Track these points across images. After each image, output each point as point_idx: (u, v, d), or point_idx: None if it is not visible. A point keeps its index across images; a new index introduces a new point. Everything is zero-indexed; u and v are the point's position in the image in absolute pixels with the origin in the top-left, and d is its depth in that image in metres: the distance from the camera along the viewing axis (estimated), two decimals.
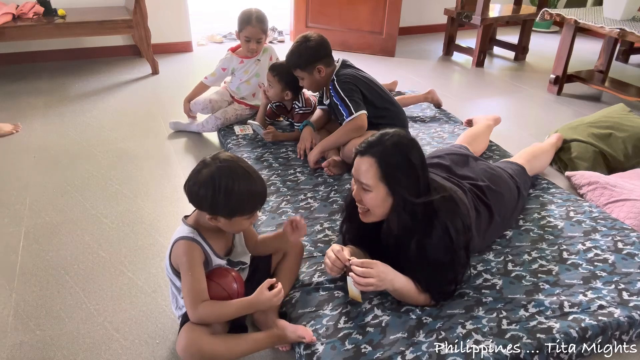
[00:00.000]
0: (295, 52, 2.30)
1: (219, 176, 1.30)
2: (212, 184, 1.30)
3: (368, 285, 1.36)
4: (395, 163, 1.38)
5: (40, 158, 2.55)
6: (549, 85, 3.59)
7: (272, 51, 2.86)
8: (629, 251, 1.73)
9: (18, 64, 3.89)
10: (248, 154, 2.45)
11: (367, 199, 1.43)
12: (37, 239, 1.94)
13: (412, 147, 1.41)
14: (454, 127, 2.78)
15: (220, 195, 1.30)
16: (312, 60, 2.28)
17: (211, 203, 1.32)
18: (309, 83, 2.36)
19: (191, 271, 1.33)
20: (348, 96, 2.22)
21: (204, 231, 1.39)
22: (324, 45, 2.31)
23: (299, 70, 2.32)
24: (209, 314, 1.33)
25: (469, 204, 1.63)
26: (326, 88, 2.37)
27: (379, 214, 1.46)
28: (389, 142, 1.40)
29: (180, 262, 1.35)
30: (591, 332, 1.40)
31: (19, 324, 1.55)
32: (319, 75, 2.30)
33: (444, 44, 4.47)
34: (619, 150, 2.44)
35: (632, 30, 2.93)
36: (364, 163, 1.40)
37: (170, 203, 2.19)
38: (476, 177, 1.82)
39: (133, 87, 3.56)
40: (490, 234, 1.77)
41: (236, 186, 1.30)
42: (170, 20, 4.17)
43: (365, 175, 1.40)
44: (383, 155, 1.38)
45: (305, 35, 2.33)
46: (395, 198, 1.40)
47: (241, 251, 1.51)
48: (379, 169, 1.38)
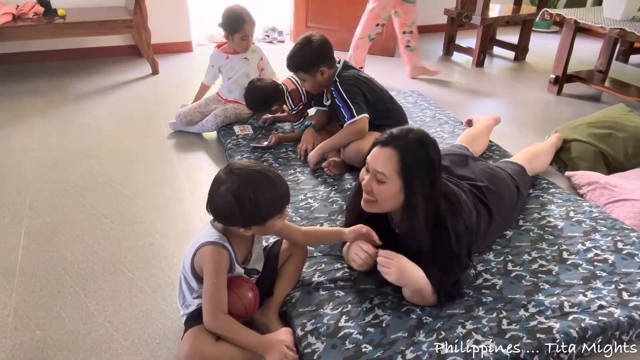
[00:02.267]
0: (298, 54, 2.27)
1: (239, 190, 1.28)
2: (236, 200, 1.28)
3: (387, 274, 1.36)
4: (416, 159, 1.37)
5: (40, 158, 2.55)
6: (549, 85, 3.59)
7: (261, 51, 2.86)
8: (629, 251, 1.73)
9: (18, 64, 3.89)
10: (248, 154, 2.45)
11: (379, 190, 1.40)
12: (37, 239, 1.94)
13: (433, 147, 1.40)
14: (454, 127, 2.78)
15: (248, 209, 1.29)
16: (315, 62, 2.25)
17: (241, 219, 1.32)
18: (311, 85, 2.34)
19: (217, 278, 1.33)
20: (350, 98, 2.21)
21: (231, 237, 1.39)
22: (327, 47, 2.29)
23: (302, 73, 2.30)
24: (223, 330, 1.33)
25: (470, 205, 1.63)
26: (327, 89, 2.36)
27: (386, 207, 1.45)
28: (414, 138, 1.38)
29: (207, 267, 1.34)
30: (591, 332, 1.40)
31: (19, 324, 1.55)
32: (322, 77, 2.29)
33: (444, 44, 4.47)
34: (619, 150, 2.44)
35: (632, 30, 2.93)
36: (384, 153, 1.38)
37: (170, 203, 2.19)
38: (475, 177, 1.81)
39: (133, 87, 3.56)
40: (490, 235, 1.77)
41: (260, 195, 1.29)
42: (170, 20, 4.17)
43: (385, 165, 1.37)
44: (406, 150, 1.37)
45: (308, 36, 2.30)
46: (408, 195, 1.39)
47: (256, 258, 1.50)
48: (399, 162, 1.36)
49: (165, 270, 1.78)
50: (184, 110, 2.83)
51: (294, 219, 1.95)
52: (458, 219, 1.42)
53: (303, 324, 1.44)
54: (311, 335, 1.40)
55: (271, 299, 1.53)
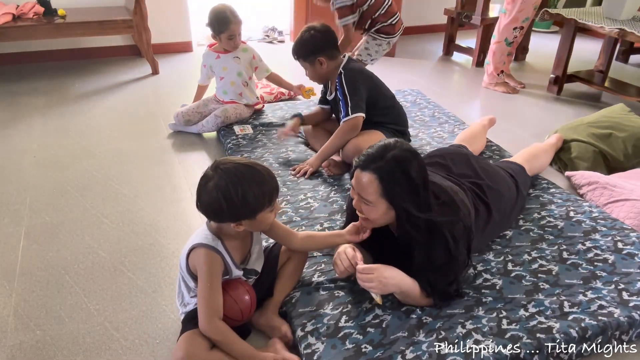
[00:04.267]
0: (298, 42, 2.26)
1: (226, 185, 1.27)
2: (223, 195, 1.27)
3: (371, 288, 1.38)
4: (395, 179, 1.36)
5: (40, 158, 2.55)
6: (549, 85, 3.59)
7: (252, 50, 2.83)
8: (629, 251, 1.73)
9: (18, 64, 3.89)
10: (248, 154, 2.46)
11: (368, 210, 1.42)
12: (37, 239, 1.94)
13: (412, 161, 1.38)
14: (454, 127, 2.78)
15: (235, 203, 1.28)
16: (314, 51, 2.23)
17: (230, 213, 1.30)
18: (311, 74, 2.33)
19: (209, 282, 1.32)
20: (351, 94, 2.20)
21: (226, 238, 1.38)
22: (328, 37, 2.24)
23: (301, 60, 2.29)
24: (218, 336, 1.32)
25: (469, 203, 1.64)
26: (332, 82, 2.33)
27: (380, 224, 1.47)
28: (390, 157, 1.37)
29: (200, 270, 1.34)
30: (591, 332, 1.40)
31: (19, 324, 1.55)
32: (321, 67, 2.26)
33: (444, 44, 4.47)
34: (619, 150, 2.44)
35: (632, 30, 2.93)
36: (364, 177, 1.38)
37: (170, 203, 2.19)
38: (475, 175, 1.82)
39: (133, 87, 3.56)
40: (489, 232, 1.77)
41: (247, 188, 1.28)
42: (170, 20, 4.17)
43: (366, 191, 1.38)
44: (383, 172, 1.36)
45: (310, 25, 2.27)
46: (397, 211, 1.40)
47: (255, 258, 1.49)
48: (379, 186, 1.36)
49: (165, 270, 1.78)
50: (182, 110, 2.83)
51: (294, 219, 1.95)
52: (455, 222, 1.42)
53: (303, 324, 1.44)
54: (311, 335, 1.40)
55: (270, 299, 1.53)
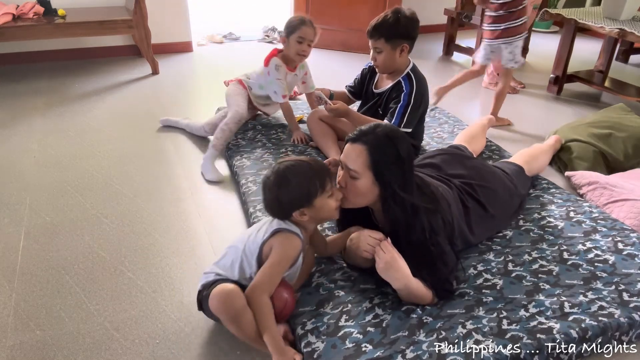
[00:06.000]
0: (385, 22, 2.09)
1: (283, 176, 1.40)
2: (284, 185, 1.39)
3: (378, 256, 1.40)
4: (384, 153, 1.41)
5: (40, 158, 2.55)
6: (549, 85, 3.59)
7: (307, 67, 2.65)
8: (629, 252, 1.73)
9: (18, 64, 3.89)
10: (248, 154, 2.45)
11: (353, 185, 1.45)
12: (37, 239, 1.94)
13: (402, 141, 1.44)
14: (454, 127, 2.78)
15: (289, 192, 1.39)
16: (403, 34, 2.10)
17: (288, 204, 1.40)
18: (384, 59, 2.15)
19: (280, 263, 1.39)
20: (413, 107, 2.13)
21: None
22: (416, 24, 2.14)
23: (383, 41, 2.11)
24: (260, 305, 1.36)
25: (455, 199, 1.69)
26: (392, 76, 2.21)
27: (360, 202, 1.50)
28: (381, 132, 1.44)
29: (276, 250, 1.40)
30: (591, 333, 1.40)
31: (19, 324, 1.55)
32: (399, 55, 2.13)
33: (444, 44, 4.47)
34: (619, 150, 2.44)
35: (632, 30, 2.93)
36: (354, 150, 1.43)
37: (170, 203, 2.19)
38: (467, 175, 1.85)
39: (133, 87, 3.56)
40: (484, 228, 1.79)
41: (294, 177, 1.39)
42: (170, 20, 4.17)
43: (355, 162, 1.43)
44: (374, 144, 1.42)
45: (399, 7, 2.14)
46: (382, 188, 1.43)
47: None
48: (368, 157, 1.41)
49: (165, 270, 1.78)
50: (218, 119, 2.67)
51: None
52: (433, 212, 1.46)
53: (303, 323, 1.44)
54: (311, 334, 1.40)
55: None
